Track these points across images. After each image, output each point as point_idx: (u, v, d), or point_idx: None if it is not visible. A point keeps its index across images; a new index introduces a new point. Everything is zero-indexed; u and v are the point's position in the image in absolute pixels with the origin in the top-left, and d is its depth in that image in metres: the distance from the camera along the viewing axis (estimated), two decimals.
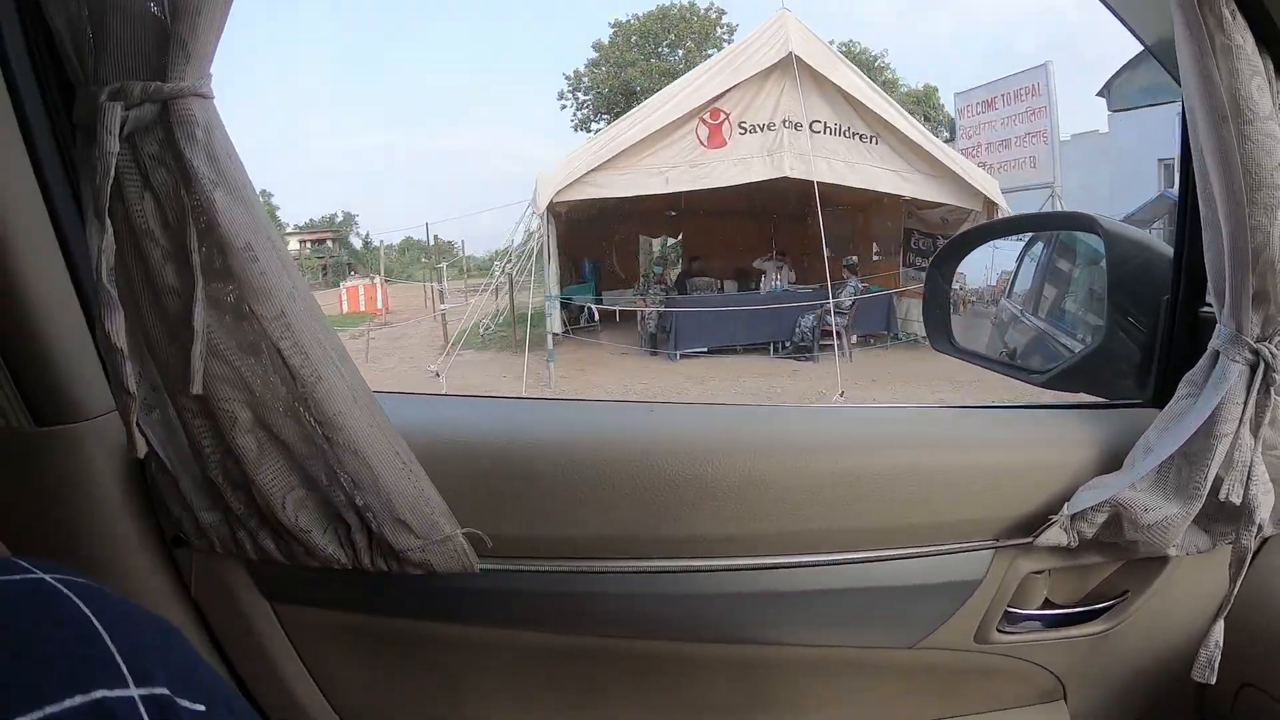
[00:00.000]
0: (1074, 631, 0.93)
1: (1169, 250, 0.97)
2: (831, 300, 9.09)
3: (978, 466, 0.87)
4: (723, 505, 0.83)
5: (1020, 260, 1.57)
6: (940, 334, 1.19)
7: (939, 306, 1.20)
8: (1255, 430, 0.79)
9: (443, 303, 13.15)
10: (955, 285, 1.27)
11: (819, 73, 8.82)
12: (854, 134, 9.14)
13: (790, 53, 8.62)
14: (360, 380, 0.74)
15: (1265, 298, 0.76)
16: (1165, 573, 0.91)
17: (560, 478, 0.83)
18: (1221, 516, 0.84)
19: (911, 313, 10.71)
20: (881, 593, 0.87)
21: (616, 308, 11.47)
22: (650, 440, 0.87)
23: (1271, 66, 0.75)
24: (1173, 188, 9.78)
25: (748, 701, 0.95)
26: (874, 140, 9.17)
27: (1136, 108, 11.65)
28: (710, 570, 0.85)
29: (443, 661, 0.93)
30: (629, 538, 0.84)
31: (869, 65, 22.99)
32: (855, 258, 10.74)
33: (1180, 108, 0.82)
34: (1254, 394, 0.77)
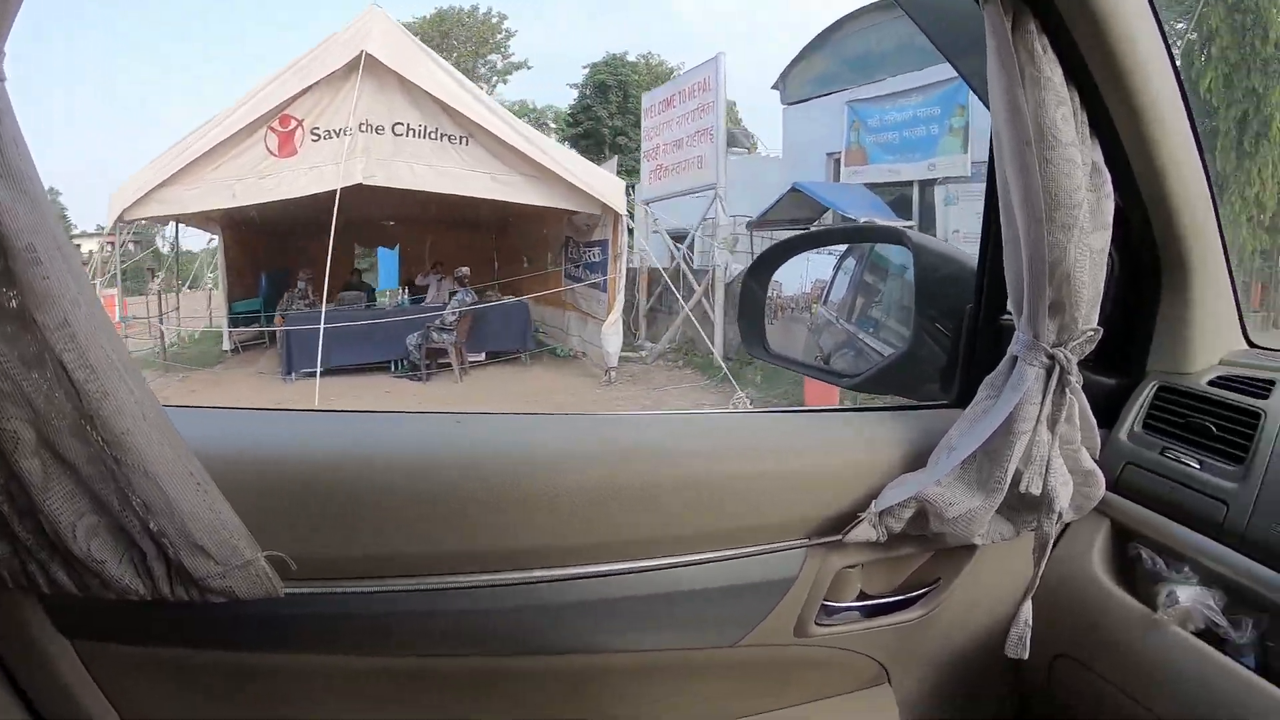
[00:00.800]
0: (890, 619, 0.99)
1: (973, 262, 1.05)
2: (447, 312, 8.96)
3: (789, 470, 0.91)
4: (539, 516, 0.82)
5: (836, 269, 1.67)
6: (755, 340, 1.23)
7: (753, 314, 1.25)
8: (1052, 427, 0.87)
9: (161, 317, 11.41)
10: (772, 293, 1.33)
11: (401, 73, 8.24)
12: (442, 136, 8.59)
13: (363, 52, 7.99)
14: (149, 395, 0.67)
15: (1061, 307, 0.84)
16: (974, 560, 0.99)
17: (369, 494, 0.80)
18: (1024, 506, 0.92)
19: (551, 322, 10.90)
20: (702, 594, 0.89)
21: (269, 327, 10.10)
22: (461, 453, 0.85)
23: (1078, 98, 0.83)
24: (828, 179, 10.88)
25: (582, 711, 0.95)
26: (464, 141, 8.65)
27: (809, 99, 11.43)
28: (532, 582, 0.84)
29: (261, 693, 0.87)
30: (444, 554, 0.82)
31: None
32: (466, 269, 10.22)
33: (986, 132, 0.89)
34: (1050, 394, 0.86)
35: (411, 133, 8.51)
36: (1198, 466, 0.96)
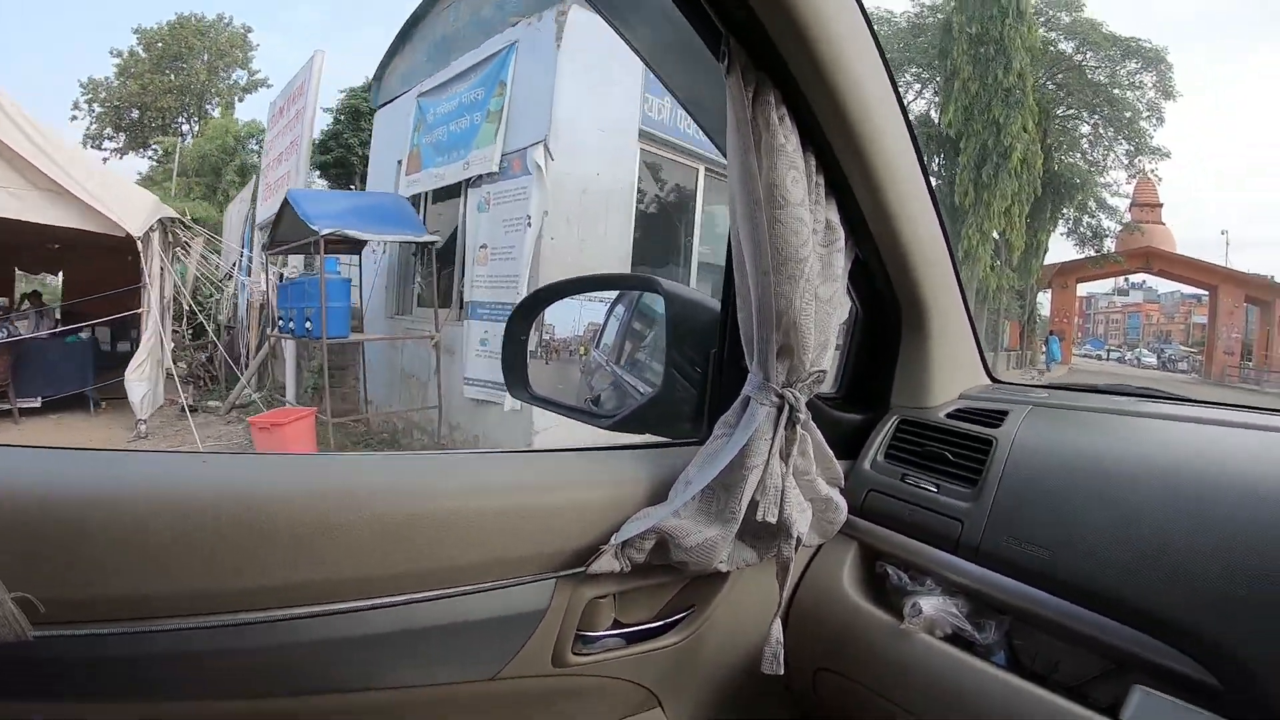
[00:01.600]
0: (650, 645, 1.04)
1: (719, 308, 1.13)
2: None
3: (540, 506, 0.94)
4: (288, 554, 0.80)
5: (608, 314, 1.68)
6: (518, 382, 1.27)
7: (516, 356, 1.28)
8: (785, 460, 0.95)
9: None
10: (546, 335, 1.33)
11: None
12: None
13: None
14: None
15: (789, 351, 0.92)
16: (729, 586, 1.06)
17: (119, 533, 0.75)
18: (765, 534, 0.99)
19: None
20: (455, 628, 0.89)
21: None
22: (209, 491, 0.81)
23: (814, 161, 0.92)
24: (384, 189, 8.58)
25: None
26: None
27: (396, 98, 9.00)
28: (283, 620, 0.80)
29: None
30: (196, 593, 0.78)
31: None
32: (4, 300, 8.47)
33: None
34: (780, 430, 0.93)
35: None
36: (935, 490, 1.08)
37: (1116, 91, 20.57)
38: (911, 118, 1.04)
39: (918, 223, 1.09)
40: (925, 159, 1.07)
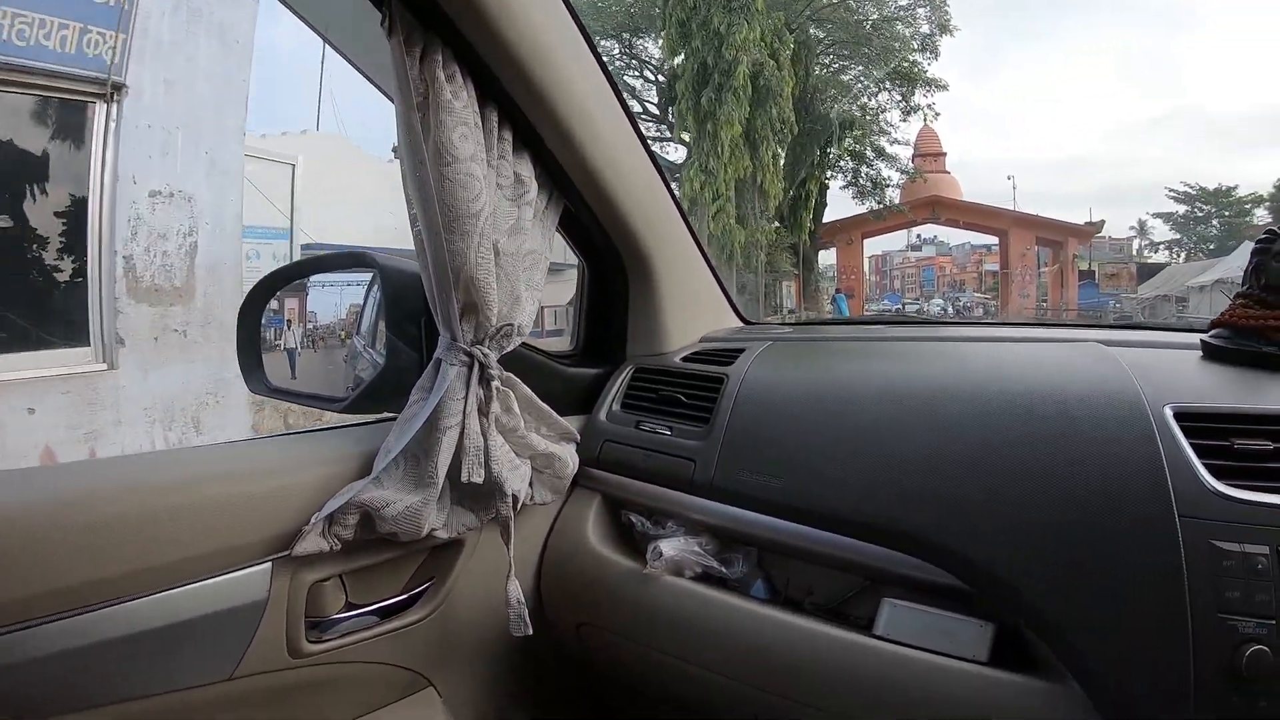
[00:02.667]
0: (395, 624, 1.00)
1: None
2: None
3: (250, 494, 0.90)
4: None
5: (366, 296, 1.56)
6: (253, 375, 1.20)
7: (250, 348, 1.21)
8: (486, 417, 0.95)
9: None
10: (309, 324, 1.34)
11: None
12: None
13: None
14: None
15: (473, 309, 0.92)
16: (465, 554, 1.05)
17: None
18: (483, 495, 0.98)
19: None
20: (181, 628, 0.84)
21: None
22: None
23: (496, 118, 0.91)
24: None
25: None
26: None
27: None
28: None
29: None
30: None
31: None
32: None
33: None
34: (473, 388, 0.93)
35: None
36: (669, 433, 1.09)
37: (885, 26, 18.37)
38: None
39: (623, 170, 1.09)
40: (627, 101, 1.06)
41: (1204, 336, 0.95)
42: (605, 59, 1.05)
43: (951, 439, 0.88)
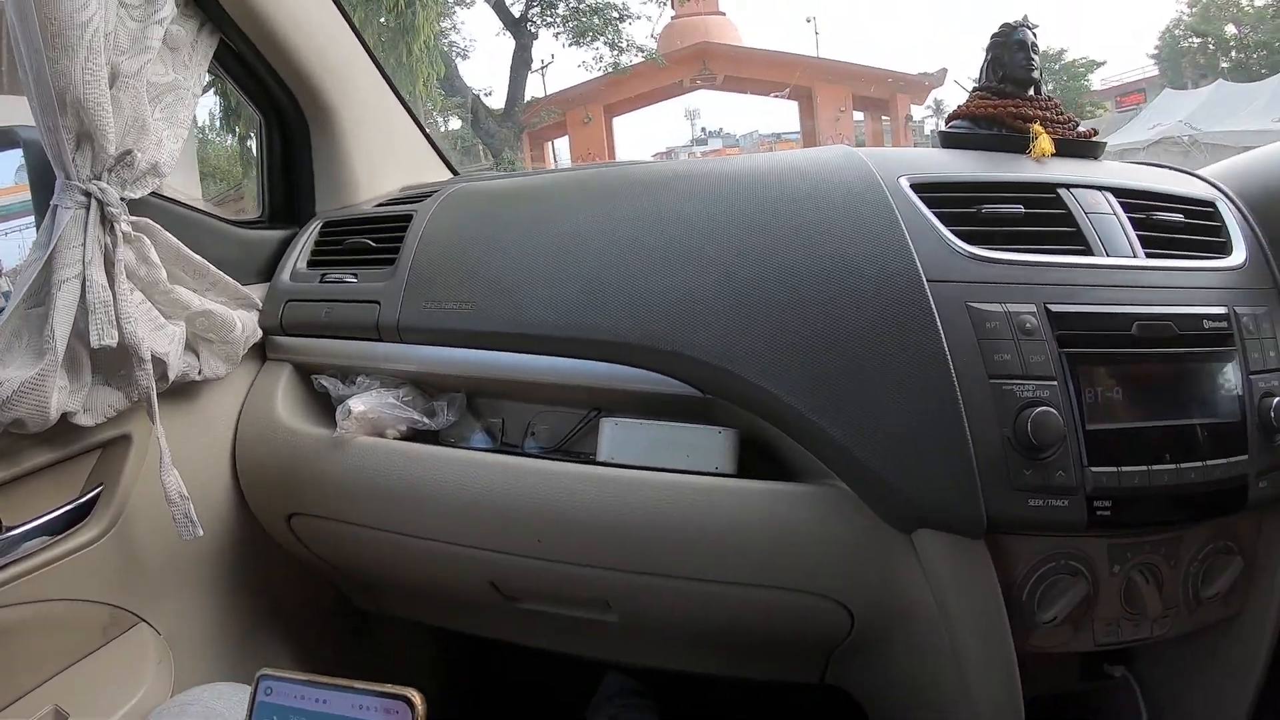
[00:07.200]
0: (63, 546, 0.81)
1: None
2: None
3: None
4: None
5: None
6: None
7: None
8: (110, 270, 0.78)
9: None
10: None
11: None
12: None
13: None
14: None
15: (88, 138, 0.75)
16: (134, 452, 0.87)
17: None
18: (129, 369, 0.81)
19: None
20: None
21: None
22: None
23: None
24: None
25: None
26: None
27: None
28: None
29: None
30: None
31: None
32: None
33: None
34: (91, 231, 0.75)
35: None
36: (354, 280, 0.97)
37: None
38: None
39: (296, 10, 0.97)
40: None
41: (941, 128, 0.95)
42: None
43: (664, 229, 0.82)
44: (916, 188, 0.79)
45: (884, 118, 19.02)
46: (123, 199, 0.79)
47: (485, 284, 0.88)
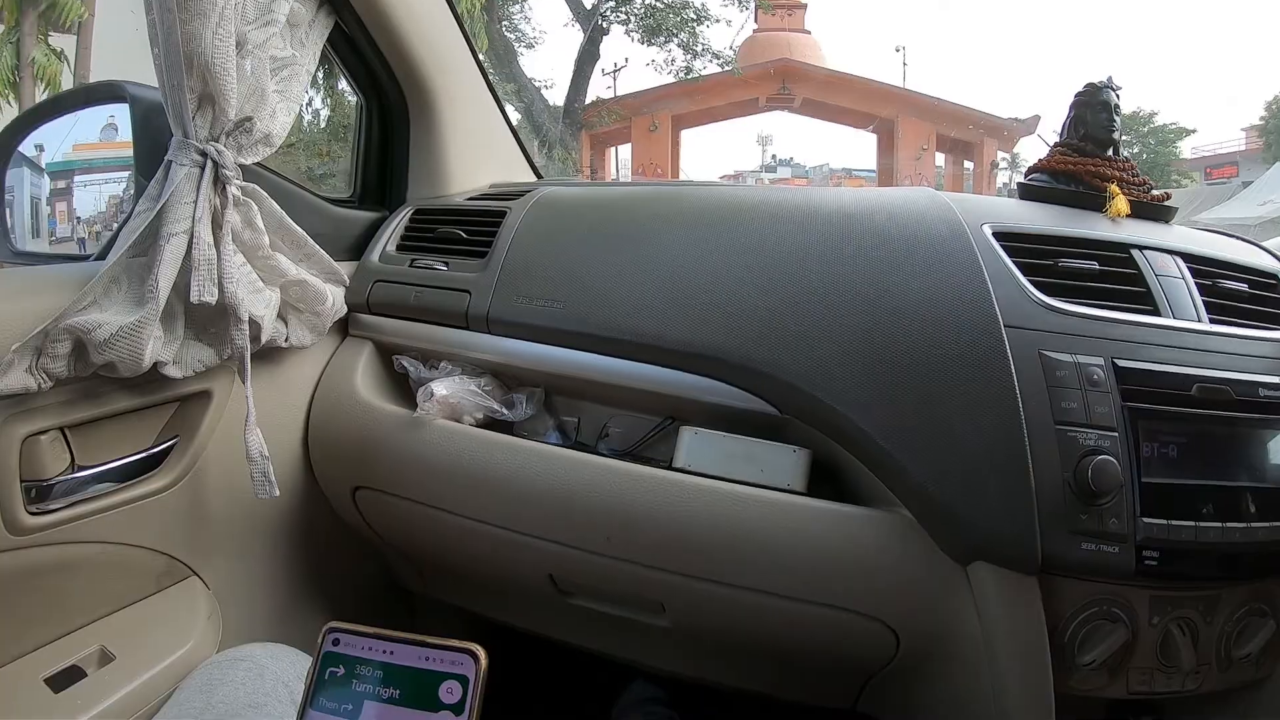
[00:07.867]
0: (132, 493, 0.82)
1: None
2: None
3: None
4: None
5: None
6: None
7: None
8: (218, 229, 0.80)
9: None
10: (70, 228, 1.14)
11: None
12: None
13: None
14: None
15: (210, 100, 0.78)
16: (214, 407, 0.89)
17: None
18: (221, 328, 0.83)
19: None
20: None
21: None
22: None
23: None
24: None
25: None
26: None
27: None
28: None
29: None
30: None
31: None
32: None
33: None
34: (204, 191, 0.78)
35: None
36: (445, 268, 1.00)
37: None
38: None
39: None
40: None
41: (1020, 180, 0.97)
42: None
43: (755, 251, 0.85)
44: (999, 236, 0.81)
45: (966, 163, 17.51)
46: (237, 164, 0.81)
47: (577, 284, 0.90)
